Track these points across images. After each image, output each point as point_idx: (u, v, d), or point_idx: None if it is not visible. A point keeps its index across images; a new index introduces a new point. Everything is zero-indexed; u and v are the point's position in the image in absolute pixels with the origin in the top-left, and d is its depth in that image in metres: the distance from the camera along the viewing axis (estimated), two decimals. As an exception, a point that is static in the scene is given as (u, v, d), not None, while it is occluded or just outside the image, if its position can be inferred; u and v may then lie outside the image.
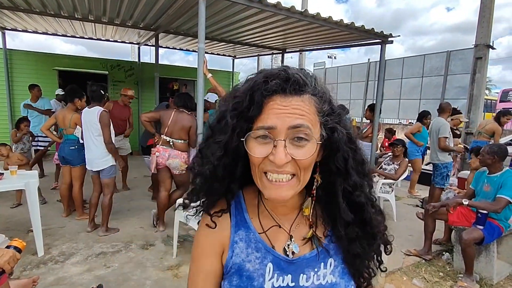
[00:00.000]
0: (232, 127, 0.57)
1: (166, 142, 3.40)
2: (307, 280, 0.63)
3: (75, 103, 3.59)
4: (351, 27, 4.38)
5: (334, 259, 0.65)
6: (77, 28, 6.39)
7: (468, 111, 6.66)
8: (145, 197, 4.73)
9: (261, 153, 0.54)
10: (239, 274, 0.62)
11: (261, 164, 0.55)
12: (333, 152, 0.59)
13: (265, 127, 0.54)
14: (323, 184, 0.64)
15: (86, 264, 2.80)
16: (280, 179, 0.55)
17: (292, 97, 0.55)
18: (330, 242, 0.66)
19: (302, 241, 0.65)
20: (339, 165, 0.59)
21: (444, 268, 3.10)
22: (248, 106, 0.55)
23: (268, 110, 0.54)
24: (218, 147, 0.59)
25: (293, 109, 0.54)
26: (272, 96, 0.54)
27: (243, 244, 0.63)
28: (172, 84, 9.04)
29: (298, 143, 0.54)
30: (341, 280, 0.65)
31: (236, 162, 0.60)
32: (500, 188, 2.75)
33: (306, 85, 0.56)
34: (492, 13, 6.18)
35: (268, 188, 0.56)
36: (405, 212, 4.61)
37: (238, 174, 0.62)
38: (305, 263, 0.63)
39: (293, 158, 0.53)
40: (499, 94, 16.71)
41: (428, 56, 13.09)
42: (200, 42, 3.26)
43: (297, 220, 0.66)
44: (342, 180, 0.61)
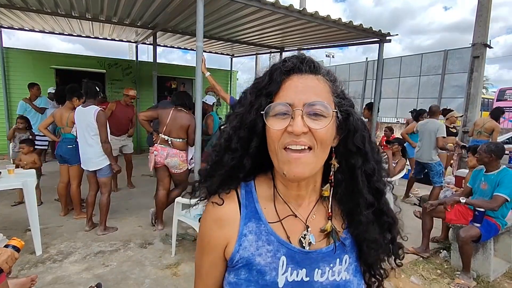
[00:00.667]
0: (250, 101, 0.60)
1: (165, 141, 3.39)
2: (322, 276, 0.60)
3: (73, 101, 3.57)
4: (349, 26, 4.38)
5: (349, 256, 0.64)
6: (74, 26, 6.36)
7: (465, 110, 6.69)
8: (143, 196, 4.72)
9: (280, 125, 0.56)
10: (248, 268, 0.60)
11: (281, 139, 0.56)
12: (351, 133, 0.61)
13: (282, 103, 0.56)
14: (342, 169, 0.64)
15: (84, 263, 2.79)
16: (299, 150, 0.55)
17: (308, 76, 0.58)
18: (347, 237, 0.65)
19: (319, 233, 0.63)
20: (359, 144, 0.61)
21: (441, 265, 3.12)
22: (267, 84, 0.59)
23: (286, 88, 0.57)
24: (234, 118, 0.62)
25: (309, 87, 0.57)
26: (289, 75, 0.58)
27: (253, 236, 0.61)
28: (170, 83, 9.02)
29: (315, 118, 0.55)
30: (354, 278, 0.63)
31: (251, 137, 0.60)
32: (497, 186, 2.76)
33: (320, 66, 0.60)
34: (489, 12, 6.20)
35: (287, 163, 0.56)
36: (403, 211, 4.58)
37: (252, 150, 0.61)
38: (321, 257, 0.61)
39: (310, 129, 0.55)
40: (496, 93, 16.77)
41: (425, 55, 13.14)
42: (198, 40, 3.26)
43: (314, 210, 0.64)
44: (362, 162, 0.62)
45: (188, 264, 2.85)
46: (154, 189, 3.72)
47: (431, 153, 4.59)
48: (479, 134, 5.70)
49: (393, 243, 0.68)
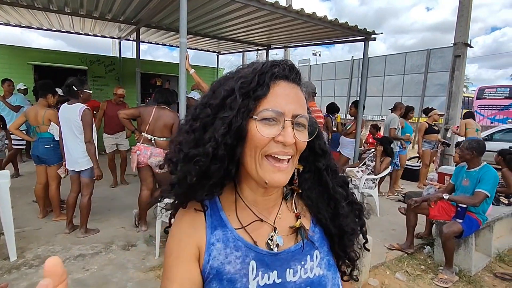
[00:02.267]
0: (239, 104, 0.55)
1: (148, 140, 3.30)
2: (294, 275, 0.60)
3: (48, 98, 3.41)
4: (335, 23, 4.38)
5: (319, 251, 0.64)
6: (53, 21, 6.11)
7: (447, 108, 6.84)
8: (126, 196, 4.60)
9: (269, 133, 0.55)
10: (219, 279, 0.57)
11: (265, 147, 0.55)
12: (316, 137, 0.63)
13: (274, 110, 0.55)
14: (306, 171, 0.67)
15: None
16: (283, 161, 0.56)
17: (294, 85, 0.59)
18: (314, 233, 0.65)
19: (286, 233, 0.63)
20: (323, 147, 0.66)
21: (425, 261, 3.17)
22: (255, 87, 0.56)
23: (275, 93, 0.56)
24: (222, 123, 0.56)
25: (297, 97, 0.58)
26: (277, 81, 0.57)
27: (221, 244, 0.59)
28: (155, 80, 8.84)
29: (299, 128, 0.57)
30: (328, 273, 0.63)
31: (237, 143, 0.57)
32: (478, 183, 2.82)
33: (301, 78, 0.61)
34: (470, 13, 6.35)
35: (269, 172, 0.56)
36: (388, 207, 4.69)
37: (237, 156, 0.58)
38: (290, 257, 0.61)
39: (296, 140, 0.56)
40: (475, 92, 17.31)
41: (409, 54, 13.41)
42: (182, 36, 3.17)
43: (280, 211, 0.65)
44: (326, 161, 0.66)
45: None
46: (137, 190, 3.62)
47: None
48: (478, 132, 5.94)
49: (363, 228, 0.71)
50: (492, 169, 2.86)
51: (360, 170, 4.39)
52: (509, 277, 2.88)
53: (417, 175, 6.29)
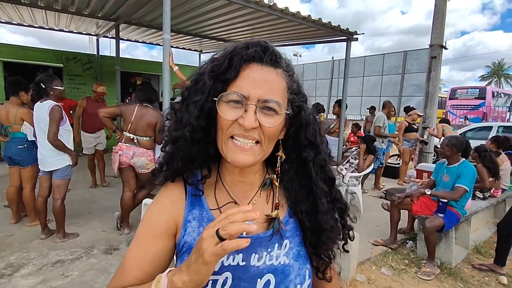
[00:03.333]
0: (209, 88, 0.57)
1: (130, 139, 3.18)
2: (258, 260, 0.61)
3: (21, 96, 3.21)
4: (318, 23, 4.43)
5: (290, 241, 0.64)
6: (24, 16, 5.79)
7: (424, 107, 7.09)
8: (107, 198, 4.43)
9: (232, 116, 0.55)
10: (190, 253, 0.57)
11: (230, 128, 0.56)
12: (303, 127, 0.62)
13: (238, 93, 0.55)
14: (290, 161, 0.65)
15: (39, 275, 2.53)
16: (245, 144, 0.56)
17: (268, 68, 0.57)
18: (288, 223, 0.66)
19: (257, 220, 0.62)
20: (311, 138, 0.63)
21: (408, 255, 3.26)
22: (226, 69, 0.56)
23: (244, 77, 0.56)
24: (195, 107, 0.58)
25: (267, 81, 0.56)
26: (249, 63, 0.56)
27: (196, 223, 0.62)
28: (135, 78, 8.60)
29: (267, 112, 0.56)
30: (294, 263, 0.63)
31: (210, 125, 0.60)
32: (458, 178, 2.93)
33: (281, 59, 0.59)
34: (444, 16, 6.61)
35: (232, 151, 0.57)
36: (371, 204, 4.79)
37: (213, 137, 0.61)
38: (258, 242, 0.61)
39: (261, 124, 0.55)
40: (448, 92, 18.12)
41: (387, 56, 13.83)
42: (165, 32, 3.09)
43: (255, 198, 0.65)
44: (314, 154, 0.64)
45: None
46: (118, 191, 3.49)
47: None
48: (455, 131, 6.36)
49: (344, 228, 0.70)
50: (471, 165, 2.98)
51: (344, 168, 4.46)
52: (486, 267, 3.02)
53: (397, 173, 6.48)
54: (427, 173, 5.82)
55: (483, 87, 18.10)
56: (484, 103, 15.58)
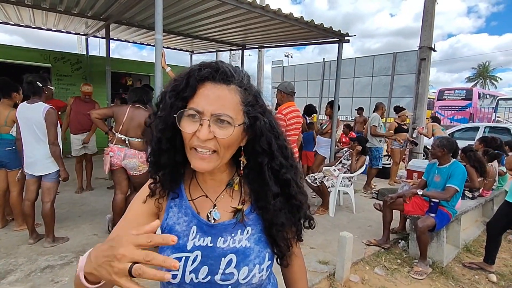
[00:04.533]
0: (170, 104, 0.66)
1: (121, 140, 3.12)
2: (224, 243, 0.73)
3: (13, 97, 3.13)
4: (311, 24, 4.46)
5: (252, 228, 0.75)
6: (10, 14, 5.64)
7: (414, 108, 7.21)
8: (98, 201, 4.34)
9: (190, 129, 0.64)
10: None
11: (190, 140, 0.65)
12: (257, 136, 0.70)
13: (194, 109, 0.64)
14: (251, 165, 0.74)
15: (28, 281, 2.46)
16: (203, 153, 0.65)
17: (221, 85, 0.65)
18: (250, 214, 0.76)
19: (225, 211, 0.75)
20: (264, 147, 0.71)
21: (401, 255, 3.30)
22: (184, 88, 0.65)
23: (199, 94, 0.65)
24: (159, 121, 0.69)
25: (219, 98, 0.64)
26: (204, 82, 0.65)
27: (176, 209, 0.76)
28: (125, 79, 8.49)
29: (221, 125, 0.64)
30: (255, 246, 0.74)
31: (175, 135, 0.69)
32: (448, 178, 2.98)
33: (233, 77, 0.67)
34: (433, 18, 6.75)
35: (193, 159, 0.66)
36: (363, 204, 4.83)
37: (178, 146, 0.70)
38: (223, 229, 0.74)
39: (215, 136, 0.64)
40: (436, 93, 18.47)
41: (377, 57, 14.00)
42: (157, 33, 3.06)
43: (223, 193, 0.77)
44: (269, 160, 0.72)
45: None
46: (109, 194, 3.43)
47: (369, 139, 5.59)
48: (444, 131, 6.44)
49: (299, 222, 0.81)
50: (461, 165, 3.04)
51: (336, 169, 4.49)
52: (476, 266, 3.07)
53: (388, 173, 6.56)
54: (418, 173, 5.92)
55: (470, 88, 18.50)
56: (470, 104, 15.93)
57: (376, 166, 5.70)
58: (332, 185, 4.25)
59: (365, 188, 5.69)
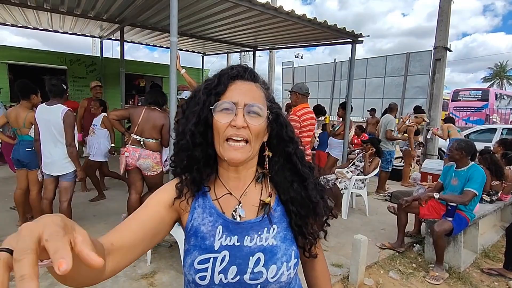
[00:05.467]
0: (203, 100, 0.72)
1: (137, 141, 3.18)
2: (250, 241, 0.73)
3: (32, 99, 3.22)
4: (324, 25, 4.43)
5: (277, 226, 0.76)
6: (29, 18, 5.81)
7: (428, 110, 7.09)
8: (112, 201, 4.42)
9: (226, 120, 0.69)
10: (195, 235, 0.74)
11: (225, 131, 0.69)
12: (283, 127, 0.77)
13: (228, 101, 0.69)
14: (276, 157, 0.78)
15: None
16: (237, 143, 0.69)
17: (249, 82, 0.74)
18: (276, 208, 0.78)
19: (250, 208, 0.76)
20: (291, 134, 0.78)
21: (416, 259, 3.23)
22: (216, 85, 0.72)
23: (231, 89, 0.72)
24: (193, 116, 0.73)
25: (250, 91, 0.72)
26: (234, 80, 0.73)
27: (200, 209, 0.76)
28: (139, 80, 8.61)
29: (253, 115, 0.70)
30: (281, 244, 0.74)
31: (207, 130, 0.73)
32: (467, 182, 2.91)
33: (258, 77, 0.77)
34: (449, 18, 6.61)
35: (227, 151, 0.69)
36: (376, 207, 4.77)
37: (210, 140, 0.73)
38: (250, 227, 0.74)
39: (248, 124, 0.69)
40: (450, 94, 18.06)
41: (389, 58, 13.80)
42: (172, 35, 3.09)
43: (247, 190, 0.78)
44: (295, 148, 0.78)
45: (165, 273, 2.69)
46: (123, 193, 3.48)
47: (383, 142, 5.44)
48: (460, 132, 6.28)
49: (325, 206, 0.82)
50: (480, 169, 2.96)
51: (349, 171, 4.44)
52: (495, 272, 2.99)
53: (400, 175, 6.47)
54: (432, 175, 5.81)
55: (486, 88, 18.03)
56: (487, 105, 15.51)
57: (386, 169, 5.57)
58: (345, 187, 4.21)
59: (378, 190, 5.61)
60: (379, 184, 5.64)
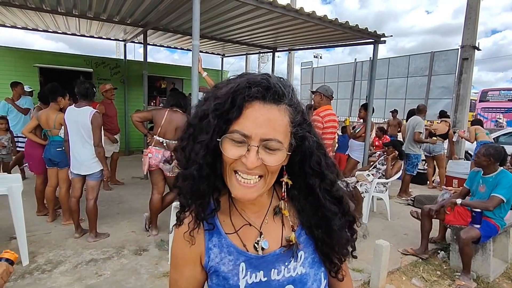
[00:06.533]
0: (213, 126, 0.58)
1: (159, 143, 3.27)
2: (278, 274, 0.66)
3: (59, 102, 3.39)
4: (345, 26, 4.37)
5: (304, 252, 0.69)
6: (59, 23, 6.11)
7: (454, 111, 6.82)
8: (135, 200, 4.56)
9: (235, 154, 0.57)
10: (216, 275, 0.67)
11: (233, 164, 0.58)
12: (306, 157, 0.64)
13: (240, 133, 0.56)
14: (298, 186, 0.68)
15: (75, 272, 2.64)
16: (248, 181, 0.58)
17: (270, 106, 0.58)
18: (300, 236, 0.70)
19: (272, 238, 0.68)
20: (315, 167, 0.65)
21: (440, 266, 3.13)
22: (229, 109, 0.57)
23: (247, 116, 0.57)
24: (200, 146, 0.60)
25: (269, 120, 0.57)
26: (252, 102, 0.57)
27: (217, 249, 0.67)
28: (160, 82, 8.82)
29: (269, 151, 0.57)
30: (310, 270, 0.69)
31: (216, 159, 0.62)
32: (495, 188, 2.78)
33: (284, 95, 0.59)
34: (478, 15, 6.34)
35: (236, 188, 0.60)
36: (398, 211, 4.65)
37: (219, 171, 0.63)
38: (275, 259, 0.67)
39: (264, 163, 0.57)
40: (478, 94, 17.26)
41: (412, 57, 13.35)
42: (195, 39, 3.15)
43: (266, 217, 0.69)
44: (320, 181, 0.66)
45: None
46: (145, 192, 3.58)
47: (410, 144, 5.35)
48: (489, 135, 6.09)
49: (352, 237, 0.74)
50: (510, 174, 2.82)
51: (370, 174, 4.35)
52: (527, 283, 2.84)
53: (423, 179, 6.28)
54: (458, 179, 5.60)
55: (517, 88, 17.11)
56: (518, 105, 14.73)
57: (411, 173, 5.40)
58: (365, 190, 4.13)
59: (400, 194, 5.46)
60: (402, 188, 5.49)
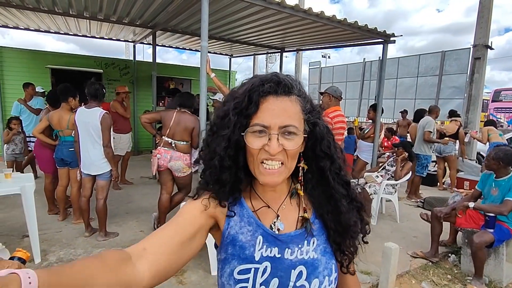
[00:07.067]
0: (234, 122, 0.67)
1: (168, 143, 3.29)
2: (291, 254, 0.71)
3: (70, 102, 3.44)
4: (354, 26, 4.33)
5: (317, 239, 0.74)
6: (71, 25, 6.22)
7: (466, 111, 6.69)
8: (143, 199, 4.61)
9: (258, 145, 0.65)
10: (233, 244, 0.71)
11: (259, 154, 0.66)
12: (318, 141, 0.71)
13: (260, 124, 0.65)
14: (311, 170, 0.74)
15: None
16: (273, 166, 0.66)
17: (282, 98, 0.67)
18: (314, 222, 0.75)
19: (288, 221, 0.74)
20: (326, 150, 0.72)
21: (451, 270, 3.07)
22: (247, 105, 0.66)
23: (263, 109, 0.65)
24: (222, 139, 0.68)
25: (283, 110, 0.65)
26: (266, 97, 0.66)
27: (238, 218, 0.73)
28: (168, 83, 8.89)
29: (288, 136, 0.65)
30: (322, 257, 0.72)
31: (238, 152, 0.69)
32: (509, 191, 2.72)
33: (293, 87, 0.68)
34: (490, 13, 6.21)
35: (263, 175, 0.67)
36: (407, 213, 4.58)
37: (241, 163, 0.70)
38: (290, 240, 0.72)
39: (284, 148, 0.65)
40: (491, 94, 16.89)
41: (423, 56, 13.14)
42: (203, 40, 3.17)
43: (284, 202, 0.75)
44: (330, 164, 0.72)
45: (194, 271, 2.76)
46: (153, 192, 3.62)
47: (420, 145, 5.24)
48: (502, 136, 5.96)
49: (362, 222, 0.79)
50: (524, 177, 2.76)
51: (379, 175, 4.31)
52: (541, 289, 2.77)
53: (433, 180, 6.19)
54: (470, 181, 5.49)
55: (532, 88, 16.67)
56: (532, 105, 14.37)
57: (421, 174, 5.30)
58: (374, 192, 4.08)
59: (409, 196, 5.39)
60: (412, 189, 5.40)
